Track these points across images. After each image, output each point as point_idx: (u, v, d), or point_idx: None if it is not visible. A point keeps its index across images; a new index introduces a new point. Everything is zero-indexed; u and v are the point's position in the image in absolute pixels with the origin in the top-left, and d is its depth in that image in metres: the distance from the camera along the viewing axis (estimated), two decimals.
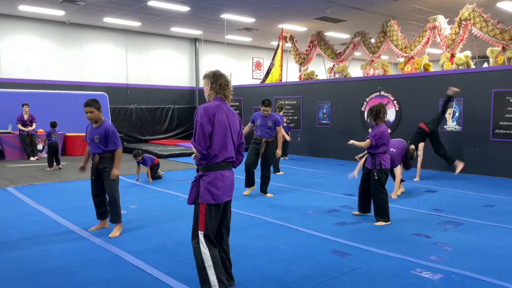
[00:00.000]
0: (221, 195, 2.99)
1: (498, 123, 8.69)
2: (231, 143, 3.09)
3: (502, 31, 9.23)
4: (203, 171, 3.02)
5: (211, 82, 3.18)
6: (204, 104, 3.08)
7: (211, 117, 2.98)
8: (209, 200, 2.95)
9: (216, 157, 3.00)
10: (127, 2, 11.55)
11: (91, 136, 4.76)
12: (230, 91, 3.21)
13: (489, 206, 6.15)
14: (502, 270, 3.67)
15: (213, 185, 2.96)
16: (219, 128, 3.00)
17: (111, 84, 15.08)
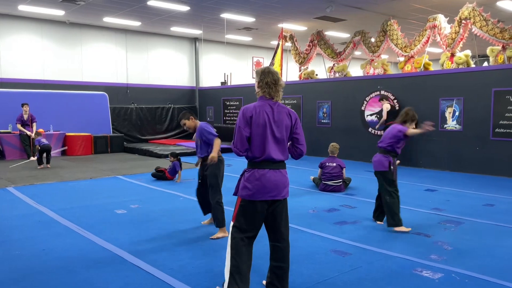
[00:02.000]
0: (255, 193, 2.97)
1: (498, 122, 8.69)
2: (274, 142, 3.02)
3: (502, 30, 9.23)
4: (247, 167, 3.10)
5: (258, 80, 3.12)
6: (244, 106, 3.09)
7: (248, 120, 3.00)
8: (243, 195, 3.02)
9: (255, 157, 3.02)
10: (127, 2, 11.55)
11: (196, 141, 4.97)
12: (277, 89, 3.09)
13: (489, 205, 6.15)
14: (503, 270, 3.68)
15: (248, 182, 3.01)
16: (257, 130, 2.99)
17: (111, 84, 15.08)
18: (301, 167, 10.15)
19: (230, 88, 15.70)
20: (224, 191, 4.85)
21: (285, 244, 3.14)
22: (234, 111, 15.35)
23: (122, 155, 12.91)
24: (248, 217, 3.02)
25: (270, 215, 3.07)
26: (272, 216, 3.08)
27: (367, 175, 8.87)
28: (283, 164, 3.10)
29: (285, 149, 3.10)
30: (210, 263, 3.81)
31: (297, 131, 3.12)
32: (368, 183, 7.89)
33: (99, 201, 6.43)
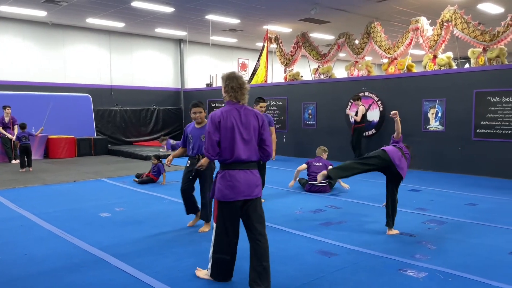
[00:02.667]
0: (228, 193, 3.16)
1: (479, 122, 8.85)
2: (243, 144, 3.18)
3: (483, 32, 9.41)
4: (219, 169, 3.29)
5: (224, 86, 3.30)
6: (212, 113, 3.27)
7: (217, 125, 3.18)
8: (218, 197, 3.23)
9: (226, 159, 3.20)
10: (110, 3, 11.44)
11: (196, 135, 4.85)
12: (243, 93, 3.28)
13: (471, 205, 6.25)
14: (485, 268, 3.74)
15: (221, 183, 3.20)
16: (226, 134, 3.17)
17: (95, 86, 14.90)
18: (287, 168, 10.18)
19: (215, 89, 15.66)
20: None
21: (263, 240, 3.28)
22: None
23: (106, 157, 12.77)
24: (226, 217, 3.23)
25: (244, 214, 3.26)
26: (247, 214, 3.25)
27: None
28: (253, 164, 3.26)
29: (254, 150, 3.25)
30: (196, 265, 3.78)
31: (264, 132, 3.29)
32: (354, 184, 7.95)
33: (82, 204, 6.34)
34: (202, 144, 4.71)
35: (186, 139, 4.96)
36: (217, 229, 3.30)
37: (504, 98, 8.49)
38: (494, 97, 8.63)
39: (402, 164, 4.67)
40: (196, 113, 4.87)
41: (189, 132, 4.92)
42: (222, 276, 3.40)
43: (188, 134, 4.92)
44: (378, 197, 6.72)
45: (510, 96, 8.42)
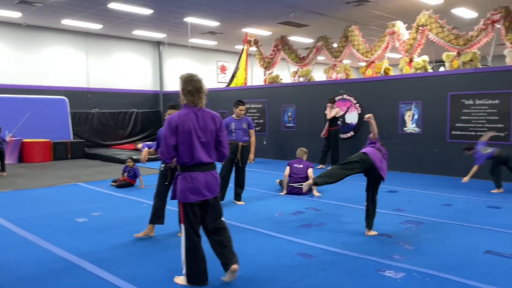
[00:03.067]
0: (190, 195, 3.24)
1: (454, 124, 9.06)
2: (201, 147, 3.26)
3: (457, 36, 9.64)
4: (179, 172, 3.33)
5: (181, 88, 3.31)
6: (169, 116, 3.30)
7: (174, 129, 3.22)
8: (180, 199, 3.28)
9: (186, 162, 3.26)
10: (86, 4, 11.26)
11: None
12: (201, 96, 3.32)
13: (447, 205, 6.38)
14: (460, 267, 3.82)
15: (182, 185, 3.25)
16: (184, 138, 3.22)
17: (71, 88, 14.63)
18: (267, 170, 10.20)
19: None
20: None
21: (226, 230, 3.49)
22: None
23: (83, 161, 12.54)
24: (191, 217, 3.29)
25: (206, 212, 3.38)
26: (208, 213, 3.39)
27: None
28: (212, 165, 3.37)
29: (212, 152, 3.36)
30: (176, 270, 3.74)
31: (221, 134, 3.39)
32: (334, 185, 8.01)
33: (58, 209, 6.19)
34: None
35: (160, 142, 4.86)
36: (187, 230, 3.30)
37: (478, 100, 8.71)
38: (468, 99, 8.85)
39: (383, 166, 4.79)
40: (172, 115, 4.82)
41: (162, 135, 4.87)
42: (199, 279, 3.31)
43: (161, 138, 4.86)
44: (357, 199, 6.79)
45: (483, 99, 8.65)
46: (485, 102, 8.62)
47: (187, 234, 3.30)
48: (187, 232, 3.30)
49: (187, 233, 3.30)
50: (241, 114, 6.52)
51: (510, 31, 8.89)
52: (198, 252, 3.31)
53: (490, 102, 8.57)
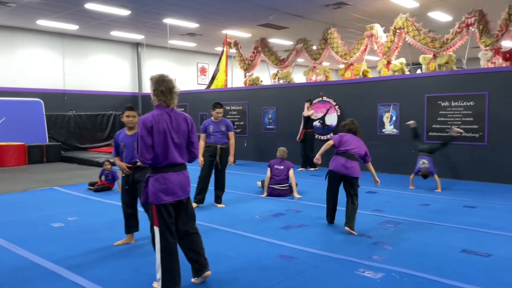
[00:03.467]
0: (163, 196, 3.20)
1: (431, 126, 9.22)
2: (175, 148, 3.26)
3: (433, 39, 9.82)
4: (150, 173, 3.28)
5: (153, 89, 3.30)
6: (142, 116, 3.24)
7: (149, 129, 3.18)
8: (153, 200, 3.21)
9: (159, 163, 3.23)
10: (62, 5, 11.03)
11: (128, 143, 4.50)
12: (173, 97, 3.31)
13: (425, 205, 6.48)
14: (438, 266, 3.87)
15: (155, 187, 3.20)
16: (159, 139, 3.20)
17: (47, 90, 14.31)
18: (247, 173, 10.18)
19: None
20: None
21: (198, 233, 3.53)
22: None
23: (60, 164, 12.26)
24: (166, 218, 3.24)
25: (178, 214, 3.37)
26: (181, 213, 3.39)
27: (312, 179, 9.05)
28: (184, 166, 3.38)
29: (184, 153, 3.36)
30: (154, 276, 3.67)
31: (193, 135, 3.41)
32: (313, 187, 8.05)
33: (33, 214, 6.03)
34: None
35: (118, 147, 4.57)
36: (162, 232, 3.23)
37: (454, 102, 8.89)
38: (444, 101, 9.02)
39: (349, 164, 5.07)
40: (130, 116, 4.55)
41: (120, 140, 4.57)
42: (174, 282, 3.22)
43: (120, 143, 4.55)
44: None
45: (459, 101, 8.83)
46: (461, 103, 8.81)
47: (162, 235, 3.22)
48: (162, 234, 3.23)
49: (162, 234, 3.23)
50: (218, 117, 6.47)
51: (484, 34, 9.11)
52: (173, 253, 3.25)
53: (465, 104, 8.75)
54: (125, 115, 4.55)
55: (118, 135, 4.64)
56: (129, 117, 4.55)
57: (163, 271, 3.21)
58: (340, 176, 5.14)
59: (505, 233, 4.94)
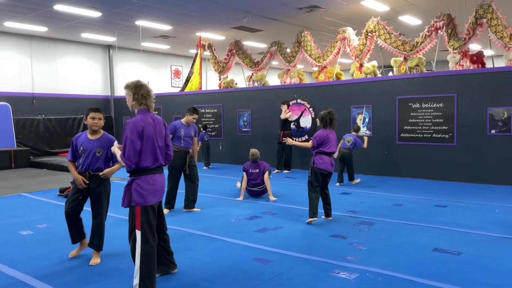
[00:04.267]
0: (151, 197, 3.26)
1: (403, 127, 9.41)
2: (159, 151, 3.36)
3: (404, 42, 10.04)
4: (135, 176, 3.26)
5: (133, 93, 3.32)
6: (132, 120, 3.26)
7: (140, 133, 3.21)
8: (140, 203, 3.21)
9: (149, 166, 3.28)
10: (30, 6, 10.73)
11: (89, 148, 4.11)
12: (152, 100, 3.40)
13: (397, 205, 6.59)
14: (412, 266, 3.93)
15: (143, 189, 3.23)
16: (148, 143, 3.25)
17: (15, 94, 13.87)
18: (223, 176, 10.12)
19: None
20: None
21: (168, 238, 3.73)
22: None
23: (28, 170, 11.90)
24: (151, 220, 3.28)
25: (159, 213, 3.53)
26: (160, 213, 3.55)
27: (288, 181, 9.08)
28: (163, 168, 3.48)
29: (164, 155, 3.45)
30: (126, 281, 3.59)
31: (168, 138, 3.54)
32: (289, 189, 8.09)
33: (0, 222, 5.81)
34: (96, 160, 4.12)
35: (76, 152, 4.18)
36: (144, 236, 3.21)
37: (424, 104, 9.10)
38: (415, 103, 9.23)
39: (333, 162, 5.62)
40: (95, 119, 4.13)
41: (80, 144, 4.14)
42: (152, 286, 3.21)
43: (79, 147, 4.14)
44: None
45: (429, 102, 9.05)
46: (431, 105, 9.03)
47: (144, 239, 3.20)
48: (145, 237, 3.21)
49: (145, 238, 3.21)
50: (191, 122, 6.41)
51: (452, 37, 9.38)
52: (154, 258, 3.26)
53: (435, 105, 8.98)
54: (90, 116, 4.14)
55: (77, 137, 4.23)
56: (94, 119, 4.14)
57: (141, 277, 3.15)
58: (326, 174, 5.54)
59: (474, 231, 5.07)
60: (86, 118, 4.18)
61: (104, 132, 4.28)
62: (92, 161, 4.11)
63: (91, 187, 4.15)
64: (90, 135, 4.19)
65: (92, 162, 4.11)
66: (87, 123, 4.19)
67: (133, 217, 3.25)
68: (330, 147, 5.53)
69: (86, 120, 4.20)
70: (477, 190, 7.78)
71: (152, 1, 10.49)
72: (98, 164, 4.14)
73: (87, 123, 4.18)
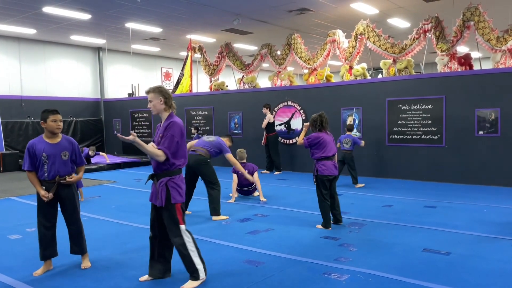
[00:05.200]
0: (184, 194, 3.58)
1: (392, 129, 9.49)
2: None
3: (393, 45, 10.13)
4: (170, 176, 3.51)
5: (164, 98, 3.60)
6: (177, 120, 3.56)
7: (182, 134, 3.56)
8: (179, 200, 3.51)
9: (181, 165, 3.57)
10: (19, 8, 10.63)
11: (53, 154, 3.88)
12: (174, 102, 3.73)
13: (388, 206, 6.65)
14: (402, 266, 3.97)
15: (179, 187, 3.54)
16: (182, 141, 3.57)
17: (3, 97, 13.73)
18: None
19: (138, 99, 15.19)
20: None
21: None
22: (144, 123, 14.86)
23: (17, 174, 11.77)
24: (185, 214, 3.68)
25: None
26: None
27: (279, 183, 9.10)
28: None
29: None
30: (116, 286, 3.58)
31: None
32: (280, 191, 8.10)
33: None
34: (64, 164, 3.92)
35: (36, 159, 3.86)
36: (188, 230, 3.56)
37: (413, 106, 9.20)
38: (404, 105, 9.32)
39: (336, 164, 5.52)
40: (57, 121, 3.88)
41: (42, 150, 3.84)
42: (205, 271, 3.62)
43: (40, 153, 3.84)
44: (303, 203, 6.91)
45: (418, 104, 9.14)
46: (420, 107, 9.12)
47: (187, 231, 3.54)
48: (188, 231, 3.55)
49: (189, 232, 3.55)
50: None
51: (440, 40, 9.48)
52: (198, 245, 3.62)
53: (424, 107, 9.07)
54: (51, 119, 3.84)
55: (35, 143, 3.87)
56: (56, 122, 3.87)
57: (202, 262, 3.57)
58: (332, 178, 5.46)
59: (463, 231, 5.13)
60: (44, 121, 3.88)
61: (63, 135, 4.06)
62: (60, 166, 3.89)
63: (61, 194, 3.95)
64: (49, 139, 3.92)
65: (60, 167, 3.89)
66: (46, 127, 3.89)
67: (174, 214, 3.49)
68: (329, 150, 5.40)
69: (44, 124, 3.89)
70: (466, 191, 7.87)
71: (142, 4, 10.46)
72: (66, 168, 3.95)
73: (48, 126, 3.87)
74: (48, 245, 3.98)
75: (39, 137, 3.94)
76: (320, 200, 5.43)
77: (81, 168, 4.14)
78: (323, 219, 5.38)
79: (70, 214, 4.04)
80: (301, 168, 10.83)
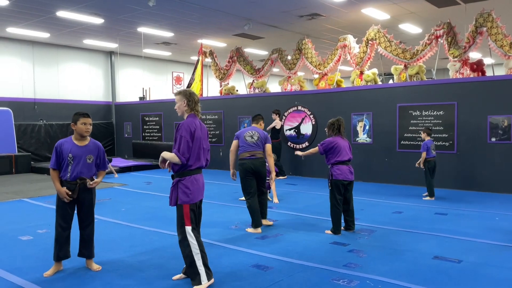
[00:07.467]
0: (196, 195, 3.61)
1: (403, 135, 9.43)
2: (203, 153, 3.71)
3: (404, 50, 10.09)
4: (180, 177, 3.60)
5: (187, 100, 3.69)
6: (185, 121, 3.64)
7: (192, 133, 3.58)
8: (187, 201, 3.56)
9: (191, 166, 3.60)
10: (33, 12, 10.81)
11: (79, 155, 3.98)
12: (199, 106, 3.78)
13: (398, 213, 6.59)
14: (411, 273, 3.93)
15: (188, 188, 3.57)
16: (196, 143, 3.61)
17: (17, 99, 13.93)
18: (223, 182, 10.12)
19: (149, 103, 15.30)
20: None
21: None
22: (154, 126, 14.95)
23: (29, 175, 11.91)
24: (195, 216, 3.66)
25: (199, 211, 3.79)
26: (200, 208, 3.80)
27: (288, 188, 9.08)
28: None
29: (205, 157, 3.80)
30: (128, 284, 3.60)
31: (208, 146, 3.86)
32: (289, 196, 8.08)
33: (0, 227, 5.81)
34: (88, 167, 4.01)
35: (62, 159, 3.96)
36: (192, 230, 3.60)
37: (424, 111, 9.13)
38: (415, 111, 9.25)
39: (351, 169, 5.50)
40: (87, 124, 4.01)
41: (68, 150, 3.95)
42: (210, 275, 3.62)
43: (67, 153, 3.93)
44: (312, 208, 6.89)
45: (429, 110, 9.07)
46: (431, 113, 9.05)
47: (193, 234, 3.58)
48: (195, 233, 3.60)
49: (195, 234, 3.60)
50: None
51: (452, 46, 9.42)
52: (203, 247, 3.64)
53: (435, 113, 9.00)
54: (81, 122, 3.98)
55: (63, 143, 4.01)
56: (86, 125, 3.99)
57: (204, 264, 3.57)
58: (347, 183, 5.40)
59: (474, 239, 5.07)
60: (75, 123, 4.02)
61: (91, 138, 4.18)
62: (83, 168, 3.97)
63: (82, 196, 4.01)
64: (77, 141, 4.03)
65: (83, 170, 3.98)
66: (76, 129, 4.03)
67: (182, 215, 3.58)
68: (344, 155, 5.35)
69: (75, 126, 4.03)
70: (477, 198, 7.77)
71: (154, 8, 10.57)
72: (89, 171, 4.04)
73: (77, 128, 4.02)
74: (62, 246, 4.01)
75: (69, 138, 4.10)
76: (332, 205, 5.39)
77: (102, 172, 4.22)
78: (333, 224, 5.35)
79: (86, 217, 4.12)
80: (310, 173, 10.80)
